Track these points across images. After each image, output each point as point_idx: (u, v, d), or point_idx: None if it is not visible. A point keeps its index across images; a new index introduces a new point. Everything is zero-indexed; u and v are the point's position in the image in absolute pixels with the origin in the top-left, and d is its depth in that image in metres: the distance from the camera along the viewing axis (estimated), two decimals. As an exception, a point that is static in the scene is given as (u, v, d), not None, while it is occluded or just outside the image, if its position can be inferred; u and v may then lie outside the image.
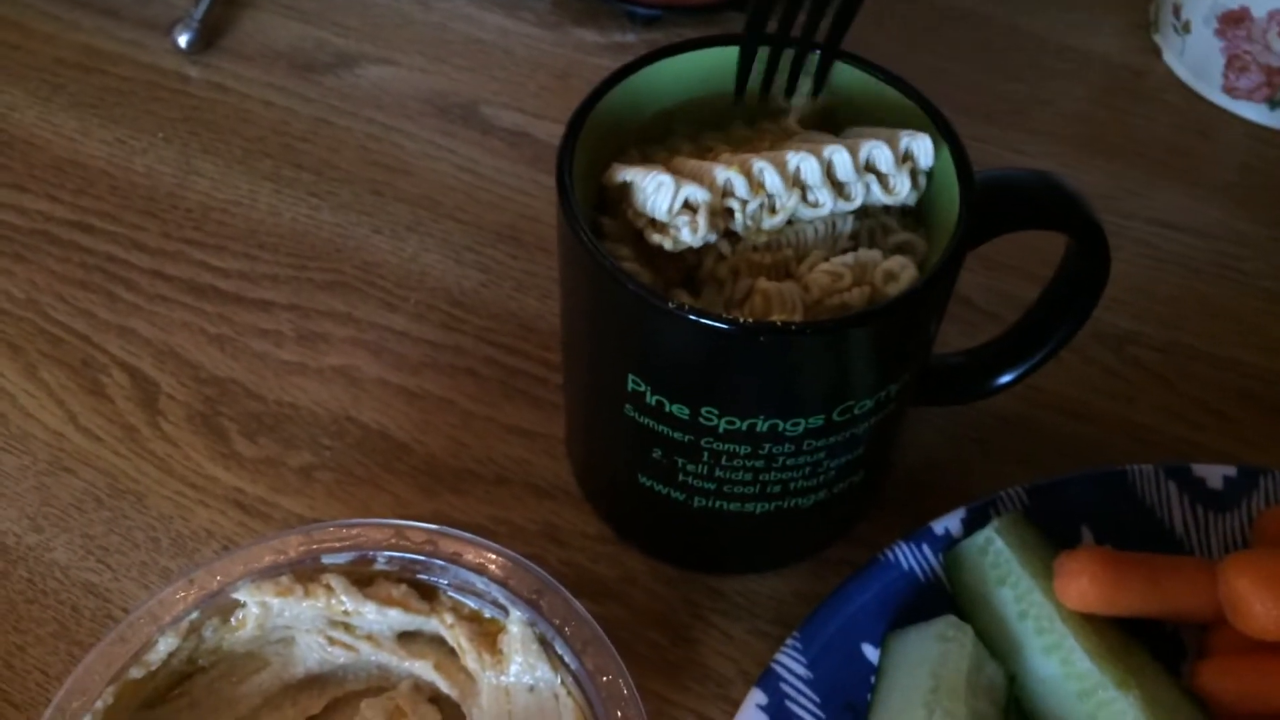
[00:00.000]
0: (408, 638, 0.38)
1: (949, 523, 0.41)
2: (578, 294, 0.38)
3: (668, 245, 0.36)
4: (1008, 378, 0.43)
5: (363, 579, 0.38)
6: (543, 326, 0.51)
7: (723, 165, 0.36)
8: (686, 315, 0.33)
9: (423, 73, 0.62)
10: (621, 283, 0.34)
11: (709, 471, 0.38)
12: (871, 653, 0.39)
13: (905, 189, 0.37)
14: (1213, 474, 0.42)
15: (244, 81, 0.62)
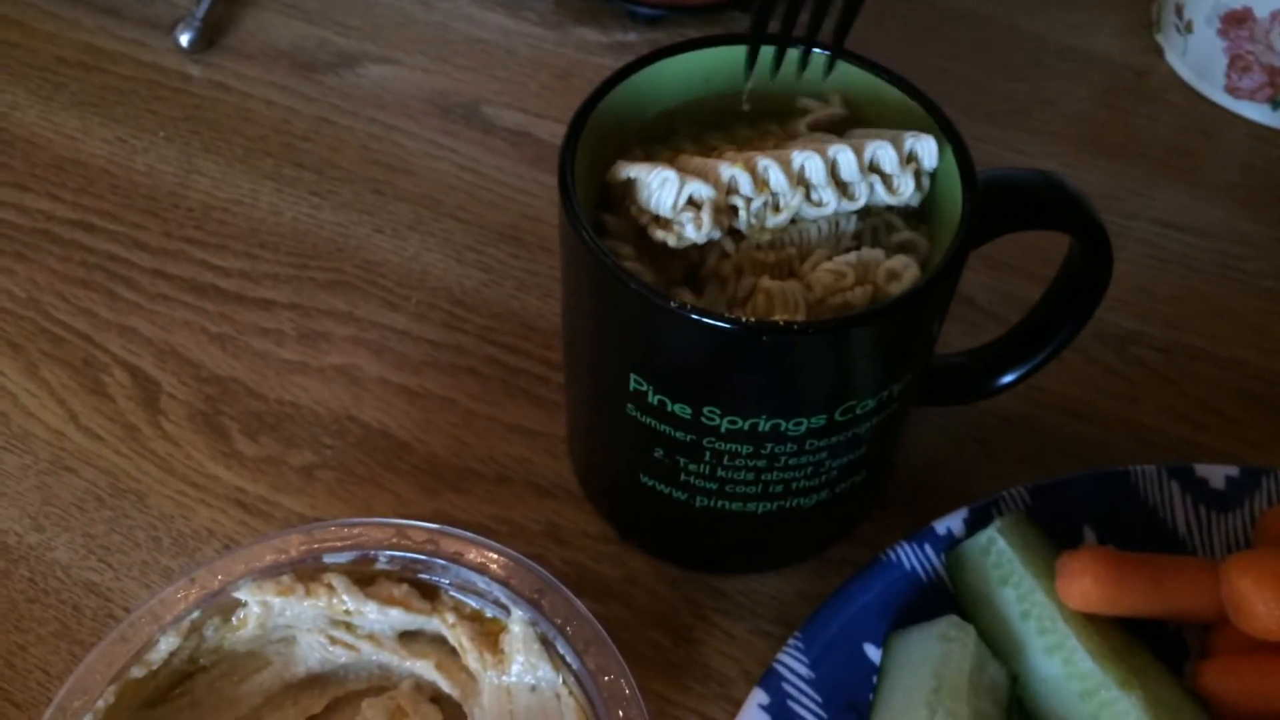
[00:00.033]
0: (409, 637, 0.38)
1: (951, 523, 0.41)
2: (580, 293, 0.38)
3: (671, 242, 0.36)
4: (1010, 378, 0.43)
5: (364, 578, 0.38)
6: (544, 326, 0.51)
7: (727, 162, 0.36)
8: (689, 314, 0.33)
9: (424, 72, 0.62)
10: (624, 281, 0.34)
11: (711, 471, 0.38)
12: (874, 653, 0.39)
13: (909, 189, 0.37)
14: (1215, 474, 0.42)
15: (246, 81, 0.62)
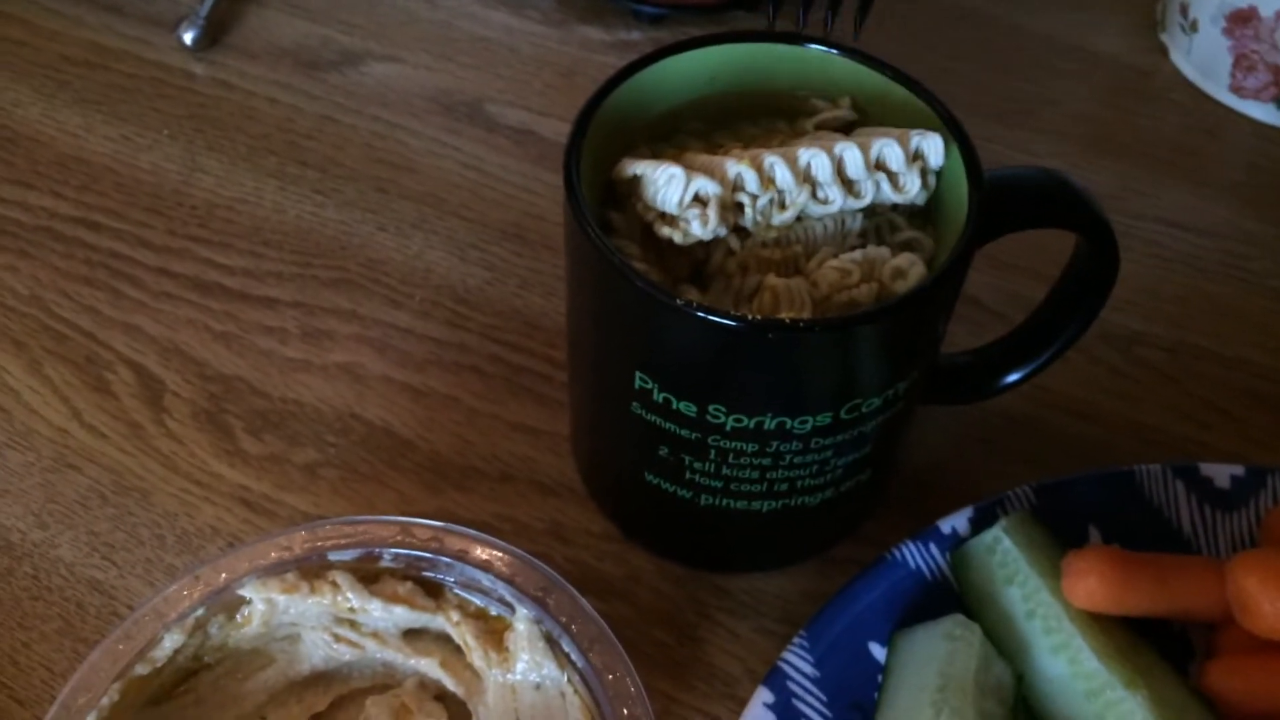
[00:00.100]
0: (413, 635, 0.38)
1: (956, 522, 0.41)
2: (584, 290, 0.38)
3: (677, 238, 0.36)
4: (1015, 377, 0.43)
5: (368, 576, 0.38)
6: (547, 324, 0.51)
7: (734, 160, 0.36)
8: (694, 312, 0.33)
9: (428, 70, 0.62)
10: (629, 279, 0.34)
11: (716, 469, 0.38)
12: (879, 651, 0.38)
13: (915, 188, 0.37)
14: (1220, 473, 0.42)
15: (249, 79, 0.61)
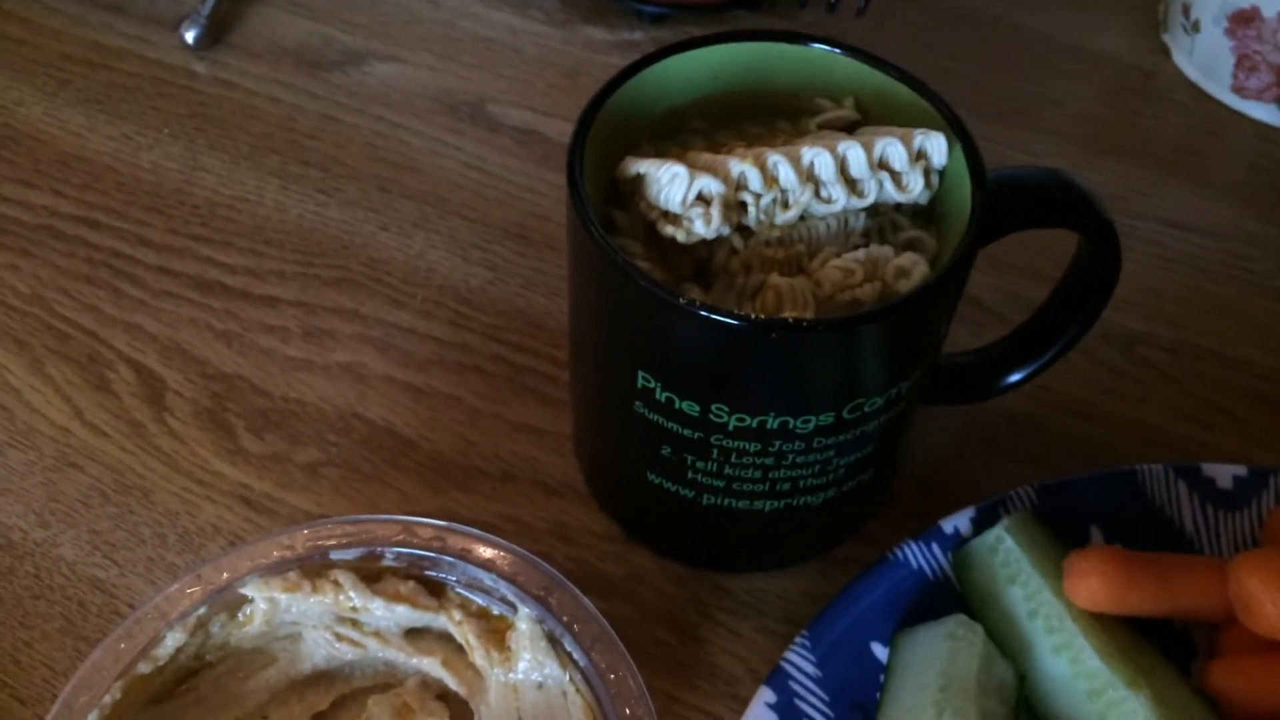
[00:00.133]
0: (415, 634, 0.38)
1: (958, 521, 0.41)
2: (587, 290, 0.38)
3: (681, 237, 0.36)
4: (1017, 377, 0.43)
5: (370, 575, 0.38)
6: (550, 324, 0.51)
7: (737, 158, 0.36)
8: (698, 311, 0.33)
9: (430, 70, 0.62)
10: (632, 277, 0.34)
11: (718, 469, 0.38)
12: (880, 651, 0.38)
13: (918, 187, 0.37)
14: (1223, 474, 0.42)
15: (251, 78, 0.61)
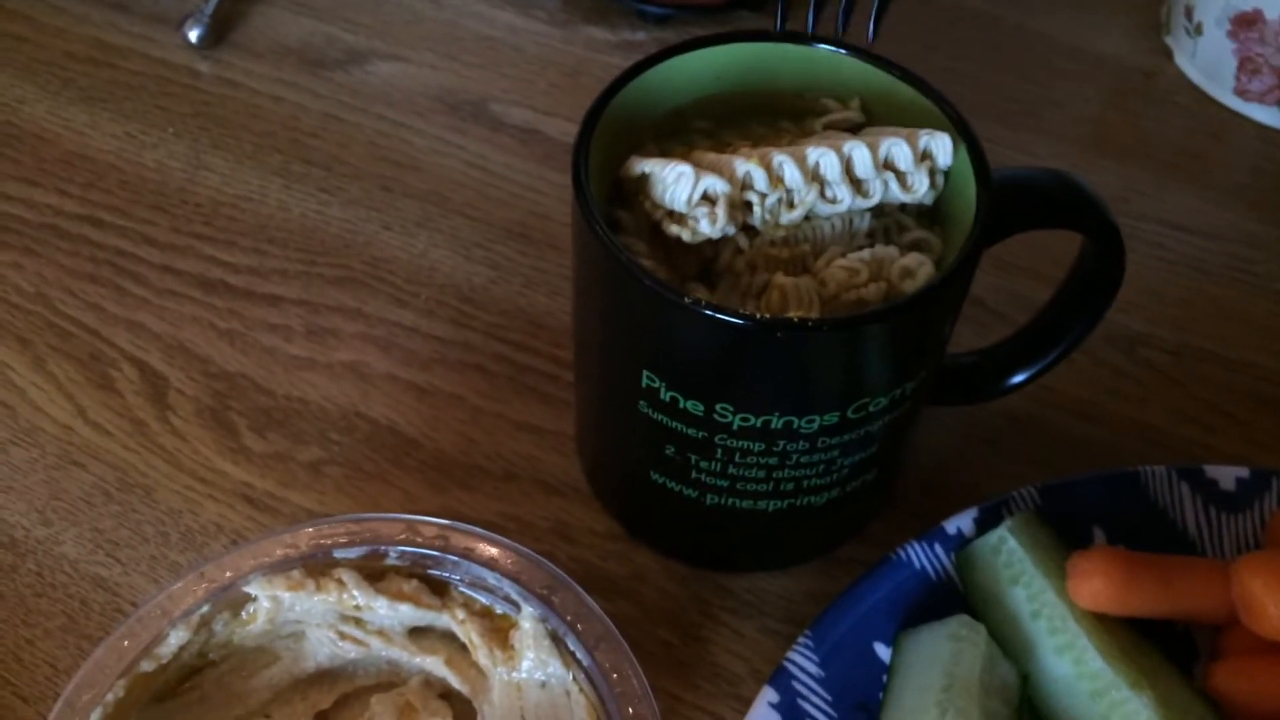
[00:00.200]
0: (419, 633, 0.38)
1: (961, 522, 0.41)
2: (592, 289, 0.38)
3: (686, 236, 0.36)
4: (1020, 377, 0.43)
5: (374, 574, 0.38)
6: (552, 323, 0.51)
7: (742, 158, 0.36)
8: (702, 310, 0.33)
9: (433, 69, 0.62)
10: (637, 277, 0.34)
11: (722, 469, 0.38)
12: (884, 652, 0.38)
13: (923, 187, 0.37)
14: (1225, 475, 0.42)
15: (254, 77, 0.62)
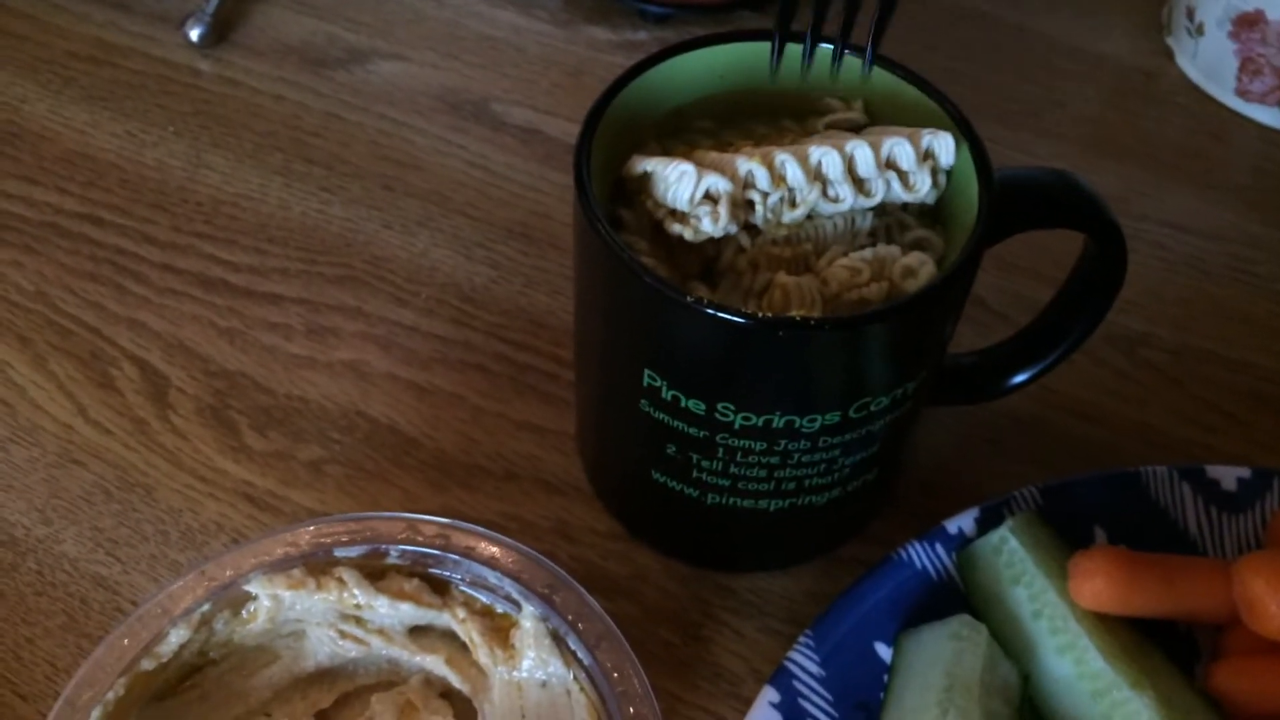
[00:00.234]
0: (419, 632, 0.38)
1: (962, 522, 0.41)
2: (593, 288, 0.38)
3: (688, 235, 0.36)
4: (1021, 378, 0.43)
5: (375, 573, 0.38)
6: (553, 323, 0.51)
7: (744, 157, 0.36)
8: (704, 309, 0.33)
9: (434, 69, 0.62)
10: (639, 275, 0.34)
11: (724, 468, 0.38)
12: (884, 652, 0.38)
13: (925, 186, 0.37)
14: (1226, 475, 0.42)
15: (255, 76, 0.61)
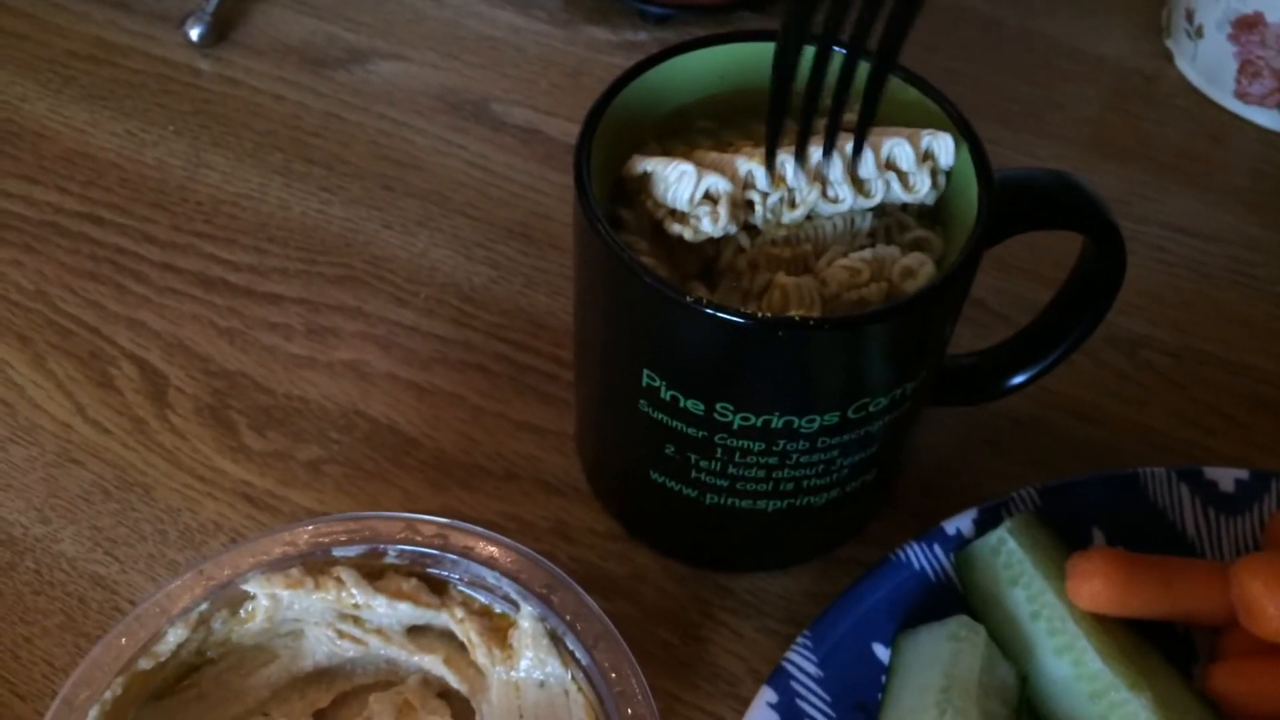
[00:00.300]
0: (417, 632, 0.38)
1: (961, 523, 0.41)
2: (593, 288, 0.38)
3: (688, 235, 0.36)
4: (1021, 378, 0.43)
5: (373, 572, 0.38)
6: (553, 323, 0.51)
7: (744, 157, 0.36)
8: (704, 309, 0.33)
9: (434, 69, 0.62)
10: (638, 275, 0.34)
11: (722, 468, 0.38)
12: (882, 652, 0.38)
13: (925, 187, 0.37)
14: (1224, 477, 0.42)
15: (255, 75, 0.62)
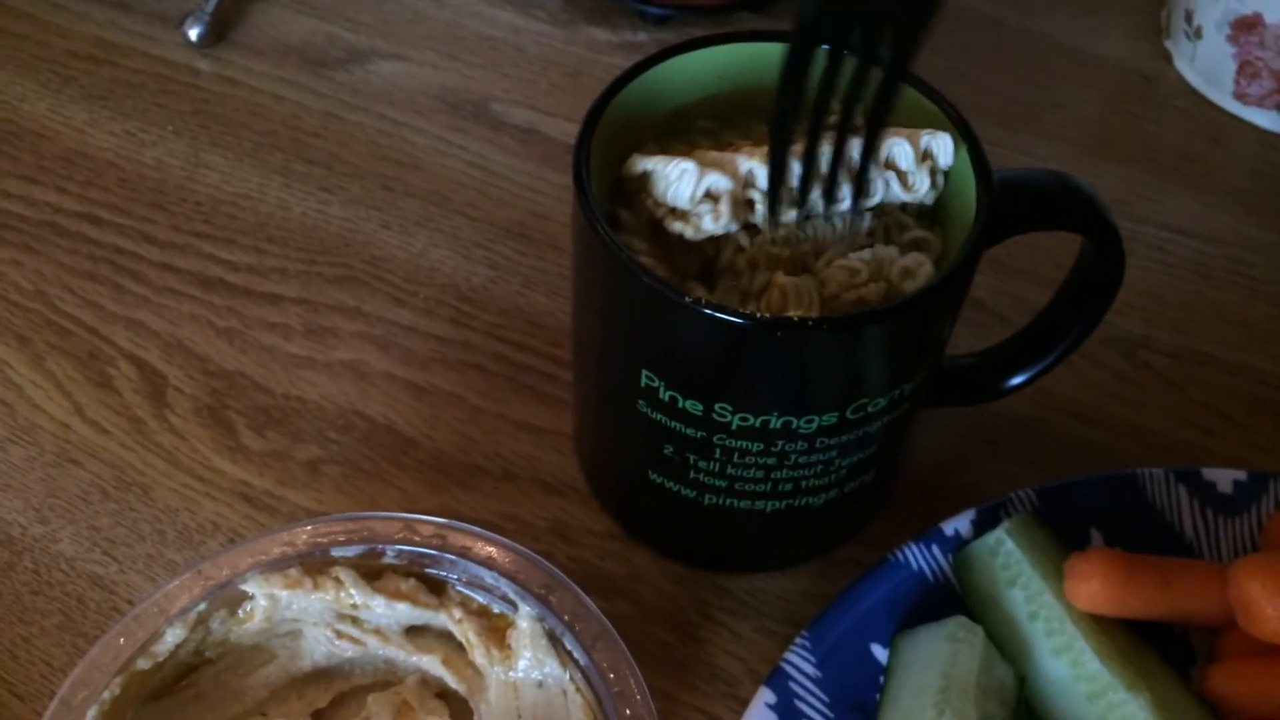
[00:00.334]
0: (415, 632, 0.38)
1: (959, 524, 0.41)
2: (592, 288, 0.38)
3: (689, 233, 0.36)
4: (1019, 379, 0.43)
5: (371, 572, 0.38)
6: (551, 323, 0.51)
7: (745, 155, 0.36)
8: (702, 309, 0.33)
9: (434, 69, 0.62)
10: (637, 275, 0.34)
11: (721, 469, 0.38)
12: (881, 653, 0.38)
13: (924, 187, 0.37)
14: (1223, 478, 0.42)
15: (255, 75, 0.62)
